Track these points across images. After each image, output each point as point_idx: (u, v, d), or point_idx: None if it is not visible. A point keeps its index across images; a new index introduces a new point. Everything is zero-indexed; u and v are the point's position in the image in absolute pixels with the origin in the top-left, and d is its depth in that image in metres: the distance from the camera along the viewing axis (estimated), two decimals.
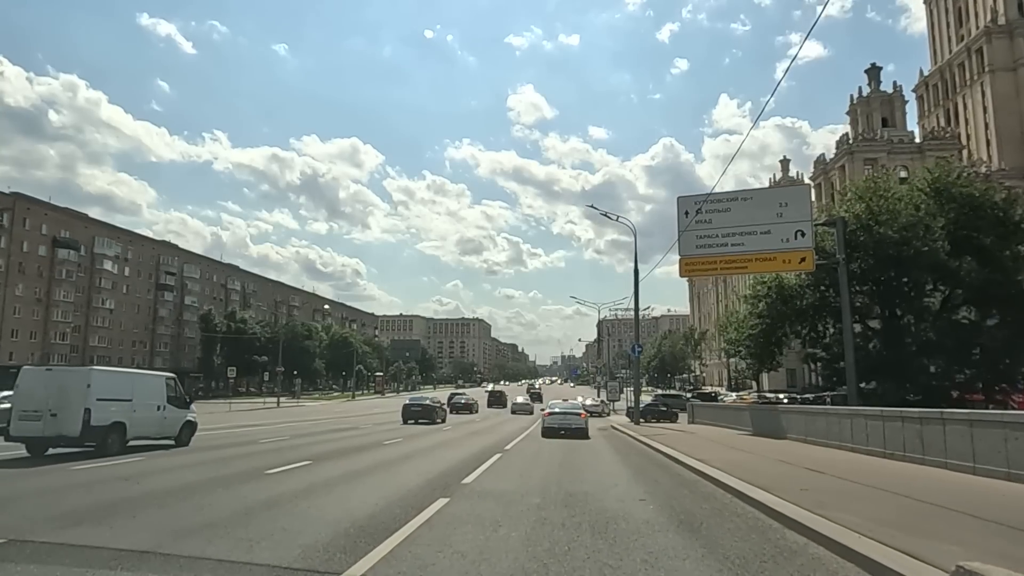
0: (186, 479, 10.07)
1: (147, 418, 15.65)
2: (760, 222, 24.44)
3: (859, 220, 25.11)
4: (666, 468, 12.76)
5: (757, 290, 29.36)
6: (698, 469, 11.41)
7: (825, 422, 15.66)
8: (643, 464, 13.56)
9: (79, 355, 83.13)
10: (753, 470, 10.81)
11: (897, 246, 23.95)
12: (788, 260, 24.34)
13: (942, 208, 24.92)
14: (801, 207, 24.54)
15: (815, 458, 12.90)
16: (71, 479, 10.06)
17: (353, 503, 7.88)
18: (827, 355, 28.91)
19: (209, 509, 7.36)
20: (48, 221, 79.02)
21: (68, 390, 13.96)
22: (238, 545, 5.57)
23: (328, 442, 18.43)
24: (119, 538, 5.79)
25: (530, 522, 6.85)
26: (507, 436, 22.44)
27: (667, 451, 15.14)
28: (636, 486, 9.95)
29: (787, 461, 12.41)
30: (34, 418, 13.67)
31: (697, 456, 13.32)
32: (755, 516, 7.36)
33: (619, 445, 19.28)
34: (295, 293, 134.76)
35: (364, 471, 11.51)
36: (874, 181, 26.90)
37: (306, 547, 5.52)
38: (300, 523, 6.59)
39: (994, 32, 72.85)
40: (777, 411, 19.92)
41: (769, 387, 74.35)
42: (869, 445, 13.40)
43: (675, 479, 10.92)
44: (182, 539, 5.83)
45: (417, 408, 31.94)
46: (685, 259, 25.43)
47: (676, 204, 26.54)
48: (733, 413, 25.58)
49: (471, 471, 11.33)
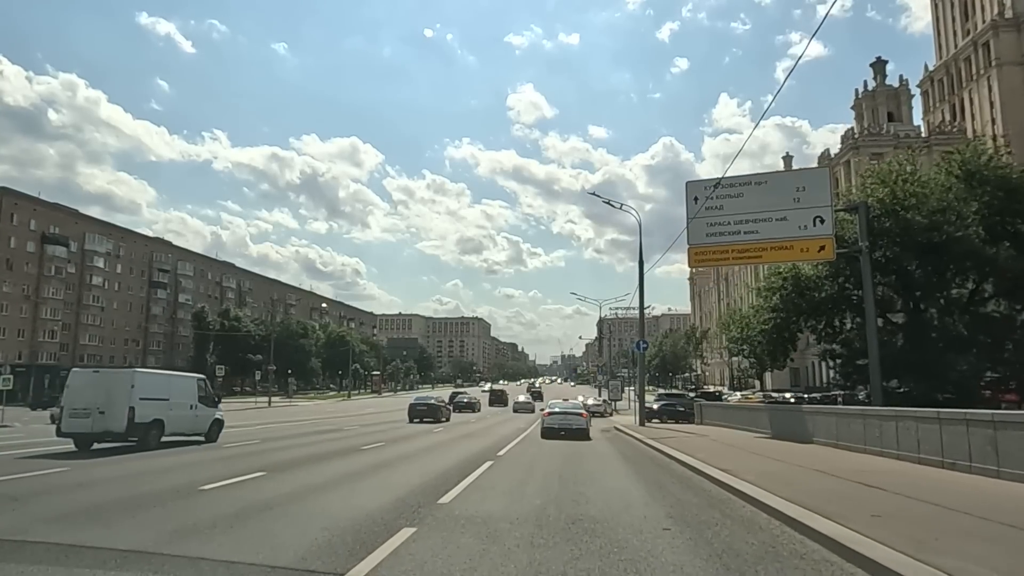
0: (108, 495, 8.17)
1: (182, 416, 16.81)
2: (776, 208, 22.57)
3: (883, 205, 23.18)
4: (686, 481, 10.78)
5: (771, 282, 27.44)
6: (726, 483, 9.46)
7: (862, 425, 13.70)
8: (658, 476, 11.55)
9: (69, 354, 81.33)
10: (793, 484, 8.90)
11: (926, 232, 22.06)
12: (806, 249, 22.40)
13: (973, 192, 23.04)
14: (820, 191, 22.56)
15: (859, 468, 10.97)
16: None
17: (285, 536, 5.92)
18: (846, 351, 26.96)
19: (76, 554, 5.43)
20: (37, 216, 77.14)
21: (114, 390, 15.01)
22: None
23: (299, 447, 16.50)
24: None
25: (520, 567, 4.96)
26: (501, 439, 20.51)
27: (683, 458, 13.20)
28: (655, 507, 7.99)
29: (829, 472, 10.48)
30: (83, 415, 14.71)
31: (720, 465, 11.39)
32: (826, 559, 5.40)
33: (626, 450, 17.33)
34: (292, 291, 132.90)
35: (322, 486, 9.56)
36: (898, 163, 24.92)
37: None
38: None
39: (1001, 25, 71.03)
40: (801, 412, 17.93)
41: (773, 386, 72.46)
42: (921, 452, 11.46)
43: (701, 497, 8.96)
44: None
45: (423, 407, 32.60)
46: (694, 248, 23.55)
47: (685, 189, 24.72)
48: (748, 414, 23.60)
49: (453, 486, 9.38)
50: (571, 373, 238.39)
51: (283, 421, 31.14)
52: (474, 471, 11.28)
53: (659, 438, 19.37)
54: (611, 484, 10.11)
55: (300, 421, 31.90)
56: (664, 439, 18.93)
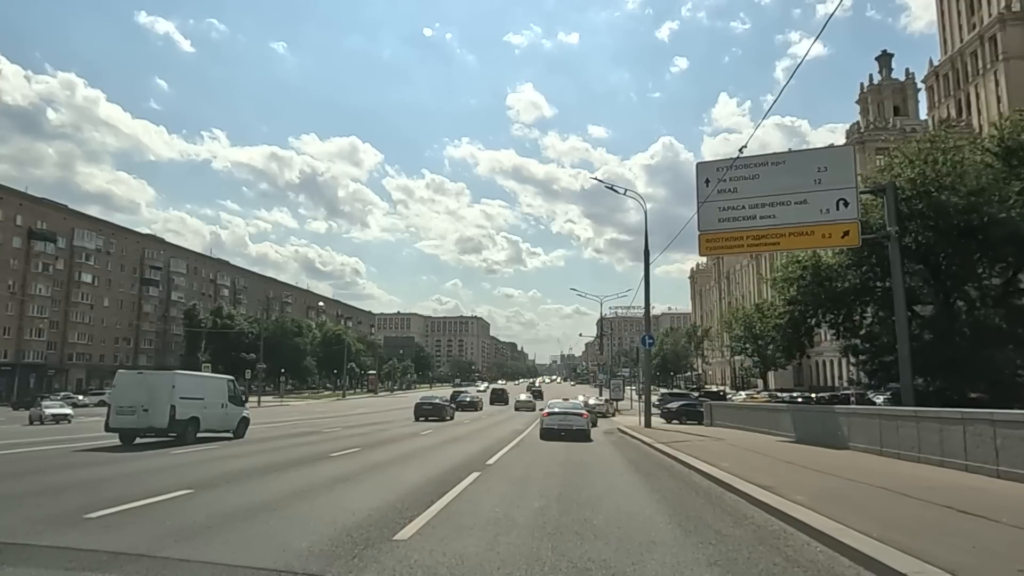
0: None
1: (214, 414, 18.18)
2: (795, 190, 20.64)
3: (914, 186, 21.09)
4: (718, 501, 8.59)
5: (789, 272, 25.37)
6: (775, 507, 7.29)
7: (916, 429, 11.57)
8: (680, 493, 9.34)
9: (57, 352, 79.23)
10: (866, 509, 6.79)
11: (963, 214, 19.98)
12: (828, 235, 20.42)
13: (1014, 171, 20.96)
14: (844, 172, 20.54)
15: (928, 484, 8.88)
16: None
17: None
18: (870, 347, 24.87)
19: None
20: (23, 211, 74.92)
21: (157, 390, 16.28)
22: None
23: (257, 454, 14.31)
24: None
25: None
26: (494, 443, 18.37)
27: (705, 468, 11.06)
28: (687, 546, 5.81)
29: (898, 490, 8.36)
30: (129, 413, 16.04)
31: (755, 479, 9.28)
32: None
33: (635, 457, 15.15)
34: (288, 290, 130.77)
35: (258, 508, 7.35)
36: (930, 141, 22.81)
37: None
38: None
39: (1008, 19, 69.39)
40: (834, 413, 15.78)
41: (776, 386, 70.36)
42: (1000, 464, 9.38)
43: (745, 528, 6.75)
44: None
45: (428, 407, 33.69)
46: (705, 235, 21.56)
47: (695, 171, 22.83)
48: (765, 415, 21.44)
49: (420, 511, 7.22)
50: (571, 373, 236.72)
51: (263, 422, 28.96)
52: (453, 488, 9.13)
53: (670, 442, 17.28)
54: (624, 507, 7.94)
55: (281, 422, 29.81)
56: (676, 443, 16.83)
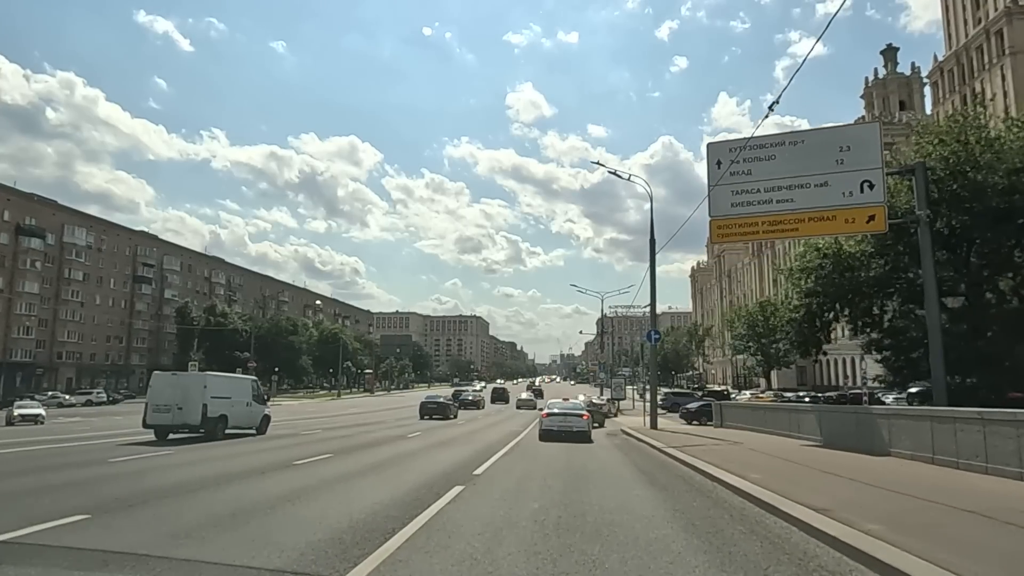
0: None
1: (240, 412, 19.57)
2: (815, 171, 18.93)
3: (948, 165, 19.29)
4: (762, 530, 6.61)
5: (807, 261, 23.53)
6: (849, 544, 5.41)
7: (982, 434, 9.75)
8: (711, 517, 7.35)
9: (46, 351, 77.46)
10: (971, 546, 5.02)
11: (1004, 196, 18.20)
12: (852, 219, 18.66)
13: None
14: (869, 151, 18.74)
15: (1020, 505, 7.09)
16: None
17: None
18: (894, 342, 23.02)
19: None
20: (11, 207, 73.13)
21: (190, 389, 17.80)
22: None
23: (211, 461, 12.51)
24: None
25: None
26: (487, 448, 16.49)
27: (733, 482, 9.19)
28: None
29: (995, 516, 6.55)
30: (164, 411, 17.40)
31: (802, 498, 7.44)
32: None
33: (646, 465, 13.22)
34: (285, 288, 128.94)
35: (179, 535, 5.60)
36: (962, 116, 21.01)
37: None
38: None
39: (1015, 13, 67.80)
40: (871, 414, 13.87)
41: (779, 385, 68.66)
42: None
43: (805, 570, 4.99)
44: None
45: (433, 405, 34.94)
46: (717, 221, 19.83)
47: (705, 152, 21.17)
48: (785, 415, 19.57)
49: (376, 547, 5.41)
50: (570, 372, 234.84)
51: None
52: (427, 508, 7.27)
53: (683, 446, 15.47)
54: (644, 537, 6.07)
55: None
56: (689, 448, 15.02)
